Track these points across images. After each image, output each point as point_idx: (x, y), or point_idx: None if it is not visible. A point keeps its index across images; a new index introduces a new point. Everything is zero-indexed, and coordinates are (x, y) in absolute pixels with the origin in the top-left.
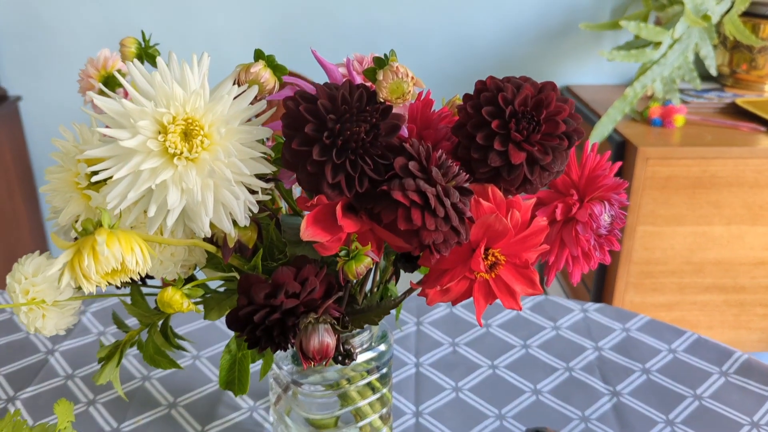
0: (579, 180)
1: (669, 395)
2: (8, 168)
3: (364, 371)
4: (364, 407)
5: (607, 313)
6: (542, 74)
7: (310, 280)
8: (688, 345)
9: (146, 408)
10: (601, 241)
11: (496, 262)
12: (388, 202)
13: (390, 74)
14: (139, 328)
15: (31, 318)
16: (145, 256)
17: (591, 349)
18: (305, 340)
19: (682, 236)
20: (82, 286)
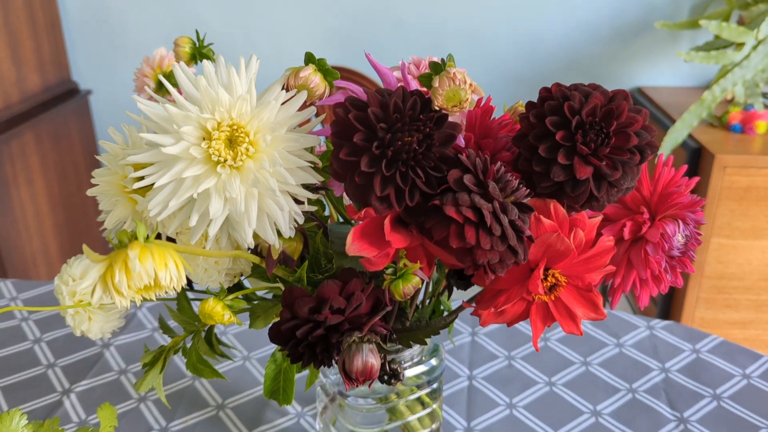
0: (651, 196)
1: (742, 425)
2: (78, 161)
3: (414, 386)
4: (413, 422)
5: (675, 332)
6: (614, 75)
7: (356, 295)
8: (765, 370)
9: (195, 408)
10: (673, 263)
11: (557, 283)
12: (440, 218)
13: (446, 80)
14: (184, 334)
15: (77, 321)
16: (180, 272)
17: (657, 370)
18: (348, 361)
19: (761, 250)
20: (114, 301)
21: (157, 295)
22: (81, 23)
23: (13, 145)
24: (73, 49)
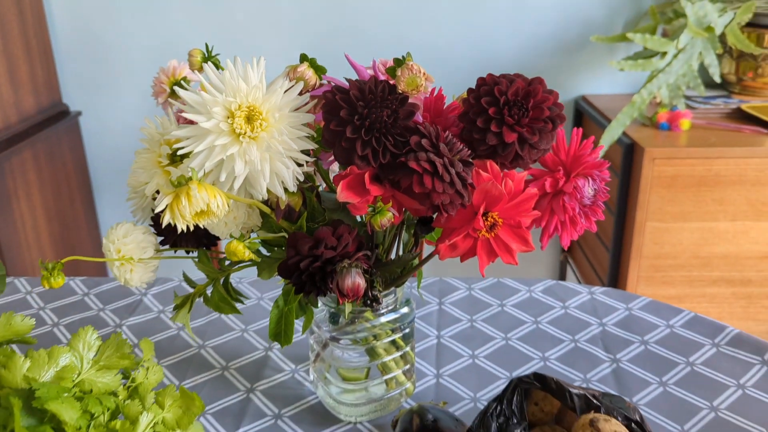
0: (566, 159)
1: (664, 362)
2: (70, 177)
3: (389, 330)
4: (389, 363)
5: (612, 295)
6: (559, 85)
7: (344, 236)
8: (685, 321)
9: (203, 370)
10: (586, 211)
11: (495, 223)
12: (406, 171)
13: (406, 71)
14: (205, 284)
15: (122, 271)
16: (225, 202)
17: (596, 324)
18: (341, 280)
19: (689, 232)
20: (177, 224)
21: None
22: (70, 49)
23: (14, 161)
24: (64, 74)
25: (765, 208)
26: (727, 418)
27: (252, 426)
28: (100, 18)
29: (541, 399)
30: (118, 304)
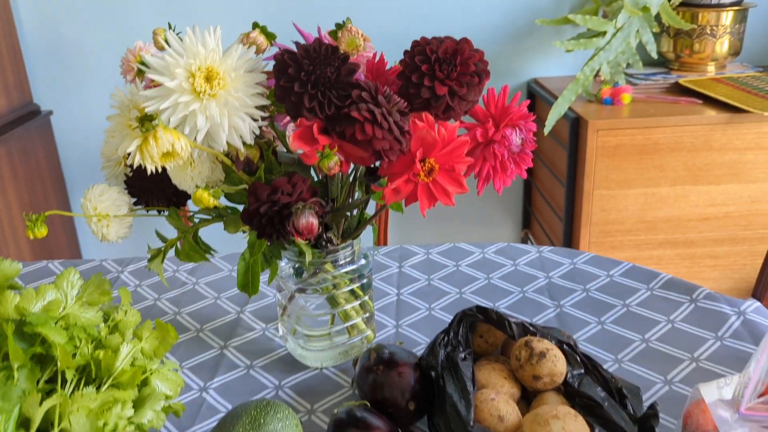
0: (495, 112)
1: (602, 306)
2: (43, 175)
3: (347, 280)
4: (350, 311)
5: (558, 253)
6: (511, 69)
7: (299, 184)
8: (624, 271)
9: (179, 332)
10: (515, 158)
11: (432, 168)
12: (349, 121)
13: (347, 33)
14: (175, 237)
15: (99, 226)
16: (188, 144)
17: (542, 278)
18: (296, 220)
19: (634, 198)
20: (146, 165)
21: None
22: (39, 50)
23: None
24: (34, 75)
25: (701, 172)
26: (656, 348)
27: (226, 376)
28: (67, 19)
29: (486, 331)
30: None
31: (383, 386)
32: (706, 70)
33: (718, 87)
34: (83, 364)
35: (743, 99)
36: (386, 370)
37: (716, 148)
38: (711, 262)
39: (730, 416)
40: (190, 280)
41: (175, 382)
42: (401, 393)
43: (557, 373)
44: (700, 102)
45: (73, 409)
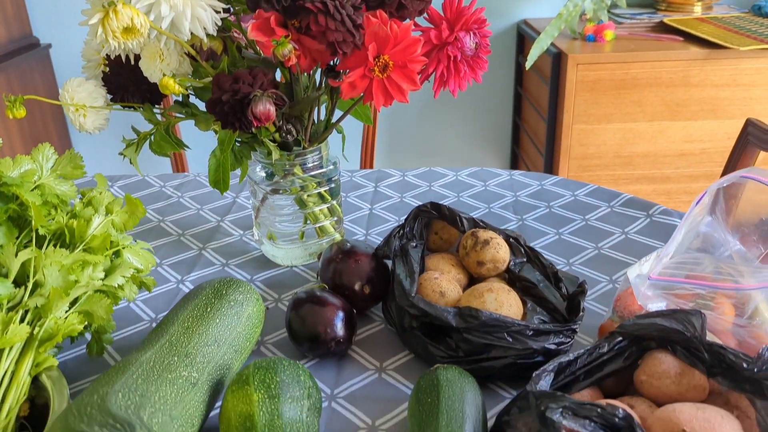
0: (450, 16)
1: (563, 220)
2: (43, 107)
3: (315, 183)
4: (318, 213)
5: (529, 176)
6: (501, 10)
7: (259, 76)
8: (589, 191)
9: (161, 236)
10: (470, 62)
11: (386, 64)
12: (304, 12)
13: None
14: (149, 130)
15: (76, 116)
16: (147, 22)
17: (510, 196)
18: (254, 106)
19: (612, 132)
20: (108, 41)
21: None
22: None
23: None
24: (33, 8)
25: (678, 108)
26: (607, 254)
27: (202, 271)
28: None
29: (440, 229)
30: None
31: (341, 273)
32: (693, 11)
33: (702, 26)
34: (57, 230)
35: (723, 36)
36: (344, 258)
37: (694, 84)
38: (687, 198)
39: (645, 285)
40: (176, 194)
41: (146, 258)
42: (358, 278)
43: (500, 259)
44: (681, 39)
45: (47, 263)
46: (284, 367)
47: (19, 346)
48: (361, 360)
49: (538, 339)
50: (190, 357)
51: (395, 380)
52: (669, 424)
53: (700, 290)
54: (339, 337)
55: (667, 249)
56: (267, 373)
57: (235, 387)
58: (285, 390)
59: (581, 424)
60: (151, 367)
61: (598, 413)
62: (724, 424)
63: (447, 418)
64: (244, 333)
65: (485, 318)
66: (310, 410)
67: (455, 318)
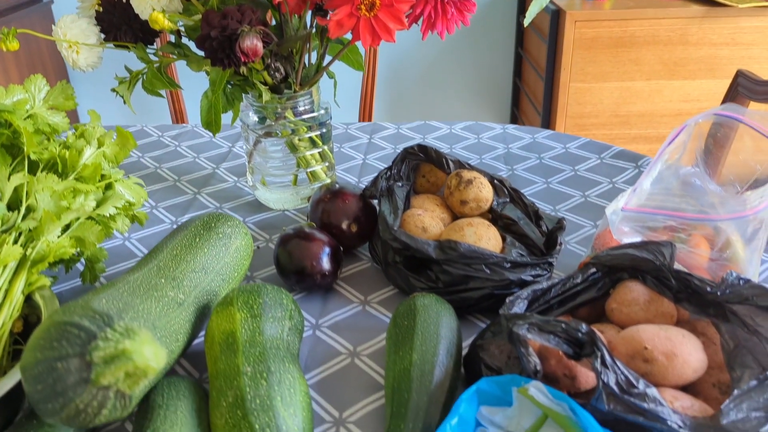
0: None
1: (552, 170)
2: (45, 62)
3: (305, 127)
4: (309, 158)
5: (521, 130)
6: None
7: (247, 12)
8: (580, 144)
9: (158, 182)
10: (458, 4)
11: (374, 3)
12: None
13: None
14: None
15: (69, 53)
16: None
17: (501, 148)
18: (241, 41)
19: (609, 91)
20: None
21: None
22: None
23: None
24: None
25: (676, 67)
26: (593, 201)
27: (196, 213)
28: None
29: (428, 172)
30: None
31: (330, 213)
32: None
33: None
34: (50, 159)
35: None
36: (333, 198)
37: (692, 43)
38: None
39: (620, 219)
40: (173, 143)
41: (138, 192)
42: (345, 217)
43: (482, 198)
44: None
45: (39, 188)
46: (267, 291)
47: (12, 266)
48: (347, 294)
49: (515, 270)
50: (177, 280)
51: (378, 312)
52: (632, 342)
53: (672, 221)
54: (325, 271)
55: (641, 182)
56: (250, 296)
57: (220, 308)
58: (267, 311)
59: (545, 338)
60: (138, 285)
61: (563, 329)
62: (685, 342)
63: (422, 338)
64: (232, 264)
65: (464, 250)
66: (291, 330)
67: (435, 250)
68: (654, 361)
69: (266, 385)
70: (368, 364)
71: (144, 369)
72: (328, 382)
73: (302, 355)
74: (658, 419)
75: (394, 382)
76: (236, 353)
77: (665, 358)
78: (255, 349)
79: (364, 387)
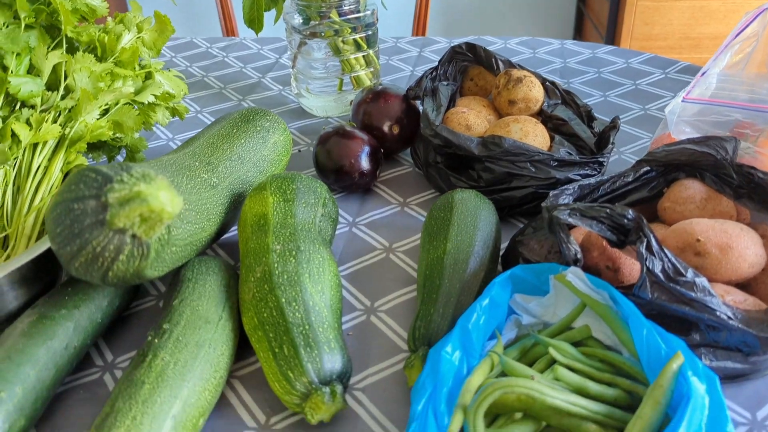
0: None
1: (611, 83)
2: None
3: (350, 27)
4: (353, 62)
5: (581, 45)
6: None
7: None
8: (643, 59)
9: (204, 89)
10: None
11: None
12: None
13: None
14: None
15: None
16: None
17: (559, 63)
18: None
19: (680, 10)
20: None
21: None
22: None
23: None
24: None
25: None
26: (653, 114)
27: None
28: None
29: (476, 75)
30: None
31: (371, 114)
32: None
33: None
34: (89, 43)
35: None
36: (374, 99)
37: None
38: None
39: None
40: (221, 54)
41: (178, 86)
42: (387, 118)
43: (532, 98)
44: None
45: (77, 68)
46: (301, 179)
47: (52, 145)
48: (385, 195)
49: (562, 169)
50: (212, 165)
51: (416, 213)
52: (683, 234)
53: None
54: (363, 170)
55: (707, 71)
56: (284, 182)
57: (254, 193)
58: (300, 196)
59: (588, 224)
60: (171, 163)
61: (607, 213)
62: (742, 236)
63: (457, 228)
64: (269, 157)
65: (508, 146)
66: (324, 217)
67: (478, 147)
68: (707, 254)
69: (294, 262)
70: (402, 259)
71: (159, 213)
72: (362, 273)
73: (337, 249)
74: (707, 309)
75: (426, 270)
76: (267, 233)
77: (719, 251)
78: (286, 230)
79: (398, 279)
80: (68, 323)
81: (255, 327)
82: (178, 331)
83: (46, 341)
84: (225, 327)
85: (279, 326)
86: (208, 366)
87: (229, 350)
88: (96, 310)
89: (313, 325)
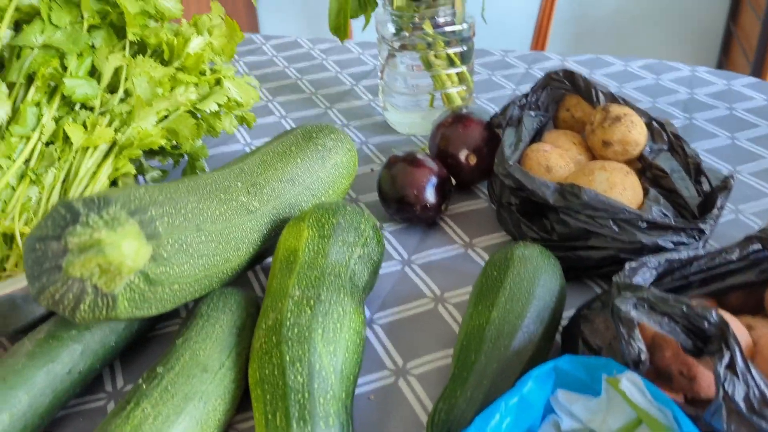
0: None
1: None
2: None
3: (443, 41)
4: (444, 78)
5: (715, 74)
6: None
7: None
8: None
9: (295, 92)
10: None
11: None
12: None
13: None
14: None
15: None
16: None
17: (683, 92)
18: None
19: None
20: None
21: None
22: None
23: None
24: None
25: None
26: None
27: None
28: None
29: (573, 105)
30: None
31: (448, 139)
32: None
33: None
34: (157, 45)
35: None
36: (453, 123)
37: None
38: None
39: None
40: (321, 56)
41: (248, 93)
42: (464, 146)
43: (631, 141)
44: None
45: (136, 72)
46: (345, 212)
47: (104, 149)
48: (450, 232)
49: (651, 233)
50: (257, 187)
51: (480, 258)
52: None
53: None
54: (427, 203)
55: None
56: (325, 214)
57: (292, 223)
58: (338, 233)
59: (657, 321)
60: (206, 183)
61: (683, 312)
62: None
63: (509, 293)
64: (327, 179)
65: (589, 198)
66: (361, 259)
67: (554, 195)
68: None
69: (310, 313)
70: (452, 313)
71: (118, 266)
72: (402, 324)
73: (382, 290)
74: None
75: (464, 339)
76: (291, 273)
77: None
78: (312, 273)
79: (441, 338)
80: (76, 345)
81: (256, 383)
82: (169, 378)
83: (47, 364)
84: (225, 377)
85: (277, 389)
86: (192, 423)
87: (225, 405)
88: (110, 333)
89: (314, 394)
